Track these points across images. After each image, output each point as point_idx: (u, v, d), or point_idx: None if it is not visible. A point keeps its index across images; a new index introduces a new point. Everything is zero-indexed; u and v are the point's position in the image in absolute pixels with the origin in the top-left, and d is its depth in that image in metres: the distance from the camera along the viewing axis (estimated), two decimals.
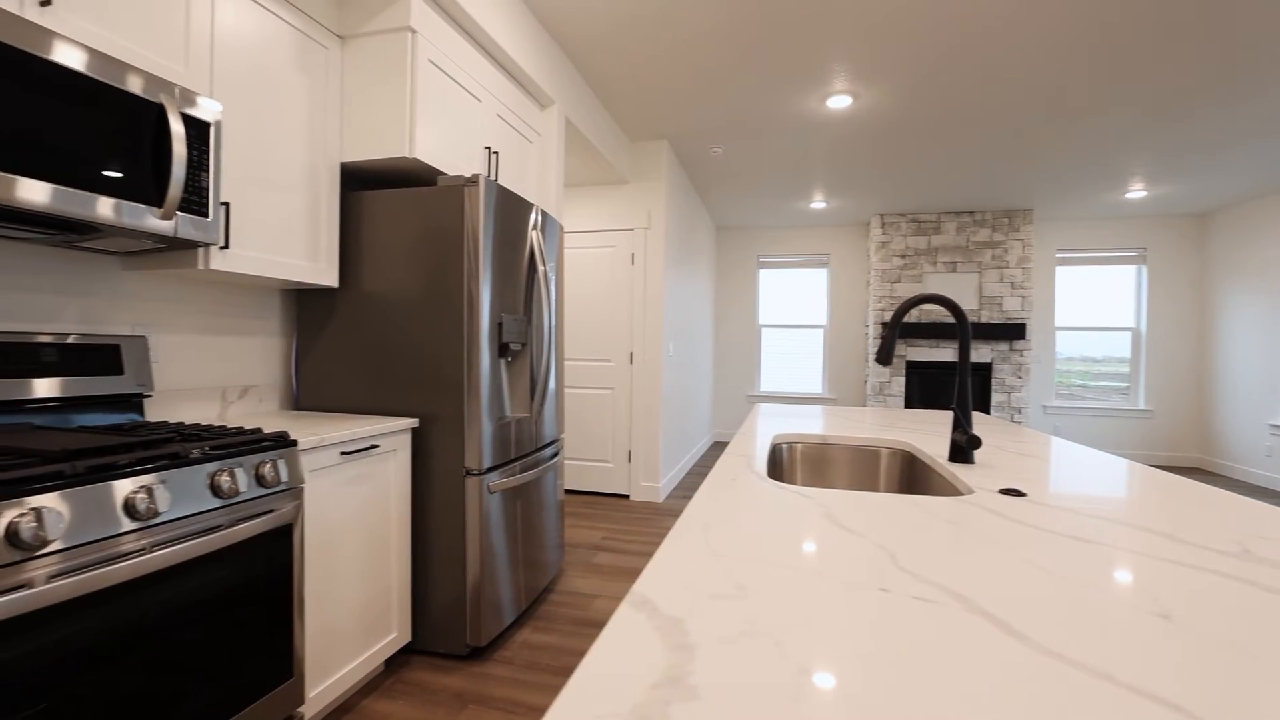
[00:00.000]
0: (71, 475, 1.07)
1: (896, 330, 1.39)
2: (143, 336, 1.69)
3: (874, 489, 1.74)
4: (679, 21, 2.80)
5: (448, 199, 2.05)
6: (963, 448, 1.33)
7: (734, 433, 7.21)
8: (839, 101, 3.59)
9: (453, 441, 2.06)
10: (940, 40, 2.89)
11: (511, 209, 2.23)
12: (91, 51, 1.28)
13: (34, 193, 1.19)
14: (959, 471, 1.25)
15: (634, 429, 4.39)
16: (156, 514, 1.17)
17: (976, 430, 1.87)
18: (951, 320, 6.09)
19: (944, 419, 2.18)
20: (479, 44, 2.46)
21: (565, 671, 2.07)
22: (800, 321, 7.19)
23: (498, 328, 2.13)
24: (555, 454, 2.68)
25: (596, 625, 2.41)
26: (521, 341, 2.29)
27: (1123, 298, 6.39)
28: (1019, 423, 4.85)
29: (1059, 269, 6.43)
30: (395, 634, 2.00)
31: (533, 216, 2.41)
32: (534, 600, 2.51)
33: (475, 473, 2.06)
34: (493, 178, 2.49)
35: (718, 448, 6.78)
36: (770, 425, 1.94)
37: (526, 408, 2.37)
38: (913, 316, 6.21)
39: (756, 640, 0.50)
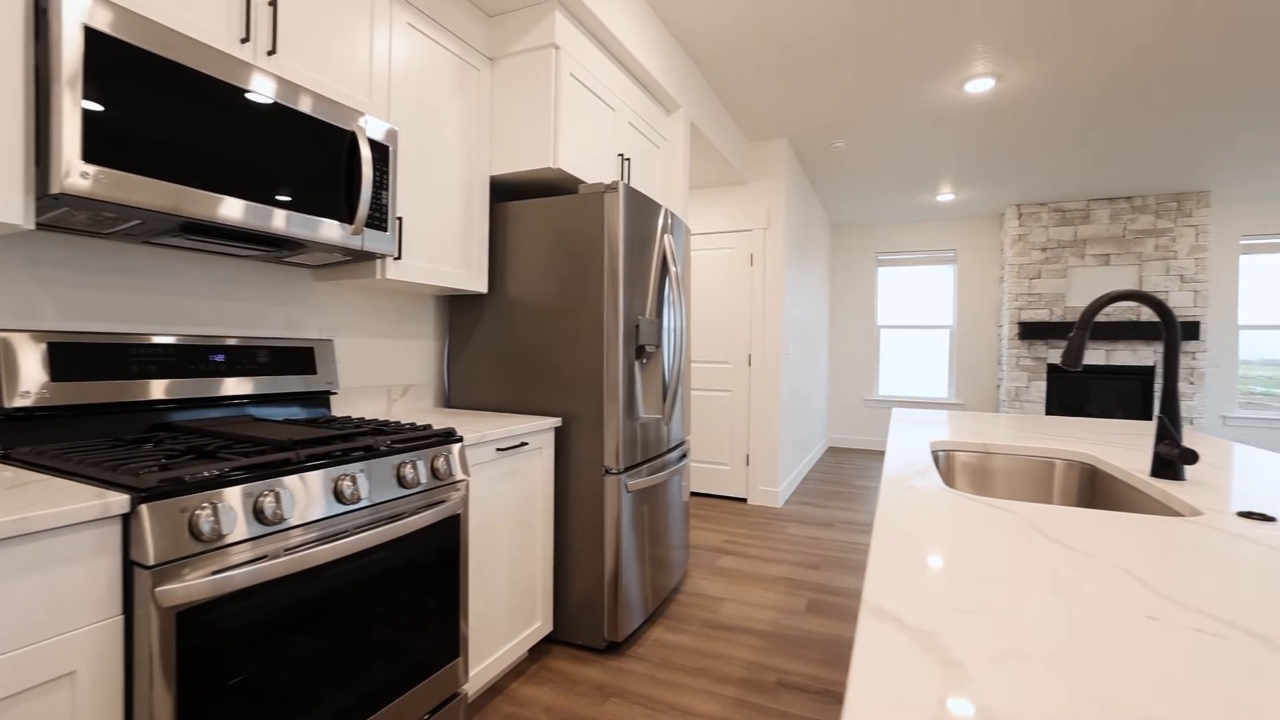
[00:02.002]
0: (298, 462, 1.22)
1: (1088, 331, 1.26)
2: (330, 340, 1.89)
3: (1047, 504, 1.60)
4: (805, 14, 2.73)
5: (588, 206, 2.13)
6: (1171, 462, 1.19)
7: (850, 438, 6.92)
8: (980, 85, 3.34)
9: (592, 441, 2.13)
10: (1110, 2, 2.61)
11: (645, 213, 2.27)
12: (304, 90, 1.46)
13: (269, 218, 1.37)
14: (1170, 489, 1.11)
15: (752, 432, 4.33)
16: (359, 499, 1.30)
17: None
18: (1102, 319, 5.47)
19: (1123, 428, 1.96)
20: (613, 55, 2.53)
21: (701, 673, 2.07)
22: (923, 322, 6.77)
23: (634, 330, 2.18)
24: (683, 455, 2.70)
25: (728, 629, 2.39)
26: (655, 344, 2.33)
27: None
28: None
29: (1243, 259, 5.58)
30: (539, 623, 2.09)
31: (667, 220, 2.44)
32: (663, 600, 2.54)
33: (614, 472, 2.11)
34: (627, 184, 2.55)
35: (834, 453, 6.53)
36: (917, 432, 1.83)
37: (659, 409, 2.40)
38: (1055, 315, 5.65)
39: (1028, 663, 0.47)
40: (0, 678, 0.84)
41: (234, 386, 1.60)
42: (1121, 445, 1.61)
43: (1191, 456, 1.13)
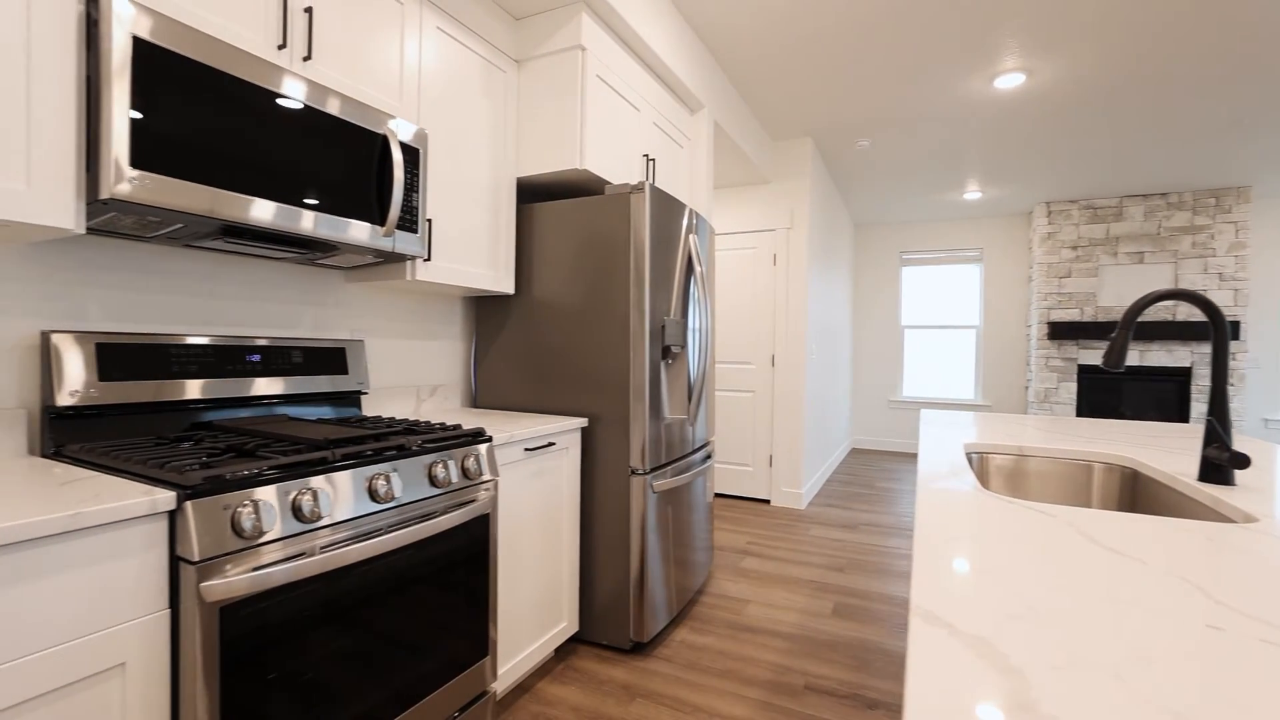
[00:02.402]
0: (334, 461, 1.24)
1: (1130, 331, 1.23)
2: (361, 340, 1.92)
3: (1086, 508, 1.56)
4: (831, 12, 2.70)
5: (614, 207, 2.13)
6: (1220, 467, 1.15)
7: (874, 440, 6.84)
8: (1009, 81, 3.28)
9: (618, 441, 2.14)
10: None
11: (670, 213, 2.27)
12: (339, 95, 1.48)
13: (305, 221, 1.40)
14: (1221, 494, 1.07)
15: (775, 433, 4.30)
16: (393, 498, 1.32)
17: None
18: (1140, 319, 5.32)
19: (1162, 431, 1.90)
20: (638, 56, 2.53)
21: (728, 675, 2.06)
22: (949, 322, 6.66)
23: (660, 330, 2.18)
24: (708, 457, 2.69)
25: (752, 630, 2.38)
26: (680, 344, 2.33)
27: None
28: None
29: None
30: (565, 623, 2.10)
31: (691, 220, 2.44)
32: (688, 602, 2.53)
33: (640, 472, 2.11)
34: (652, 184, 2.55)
35: (857, 455, 6.46)
36: (949, 434, 1.80)
37: (684, 410, 2.40)
38: (1086, 315, 5.52)
39: (1093, 673, 0.46)
40: (58, 667, 0.86)
41: (269, 386, 1.63)
42: (1162, 448, 1.57)
43: (1243, 460, 1.10)
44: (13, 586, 0.82)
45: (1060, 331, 5.54)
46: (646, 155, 2.58)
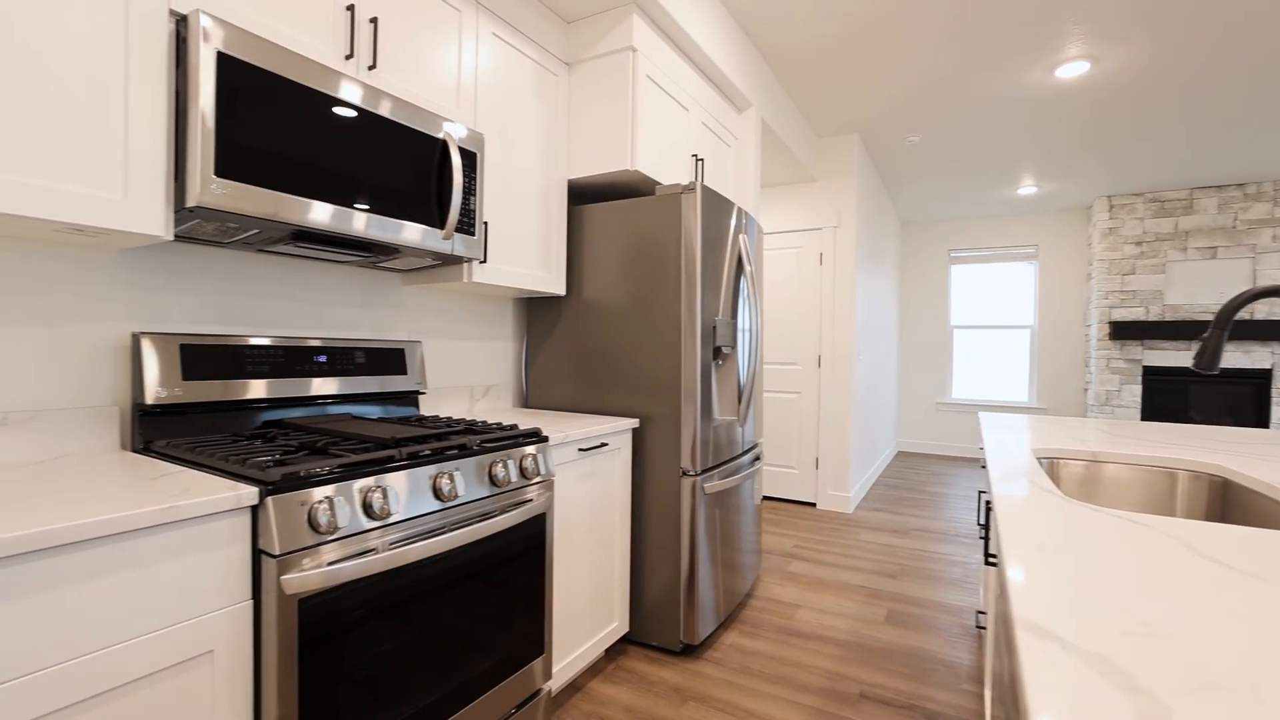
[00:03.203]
0: (401, 460, 1.27)
1: (1226, 331, 1.16)
2: (419, 341, 1.96)
3: (1171, 517, 1.48)
4: (885, 3, 2.64)
5: (665, 208, 2.13)
6: None
7: (921, 443, 6.65)
8: (1072, 69, 3.15)
9: (668, 442, 2.13)
10: None
11: (720, 213, 2.25)
12: (403, 102, 1.52)
13: (372, 225, 1.44)
14: None
15: (821, 435, 4.22)
16: (456, 496, 1.34)
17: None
18: (1202, 318, 5.03)
19: (1249, 437, 1.79)
20: (687, 55, 2.53)
21: (780, 680, 2.03)
22: (1000, 322, 6.43)
23: (711, 331, 2.16)
24: (756, 459, 2.66)
25: (803, 635, 2.34)
26: (730, 345, 2.31)
27: None
28: None
29: None
30: (616, 623, 2.11)
31: (740, 219, 2.42)
32: (737, 605, 2.51)
33: (690, 474, 2.10)
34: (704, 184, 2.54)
35: (903, 458, 6.29)
36: (1014, 438, 1.73)
37: (734, 411, 2.38)
38: (1151, 314, 5.25)
39: (1232, 695, 0.43)
40: (156, 652, 0.91)
41: (334, 386, 1.69)
42: (1254, 455, 1.47)
43: None
44: (116, 574, 0.87)
45: (1123, 331, 5.29)
46: (695, 155, 2.57)
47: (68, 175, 1.04)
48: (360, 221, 1.42)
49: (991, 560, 1.32)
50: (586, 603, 1.96)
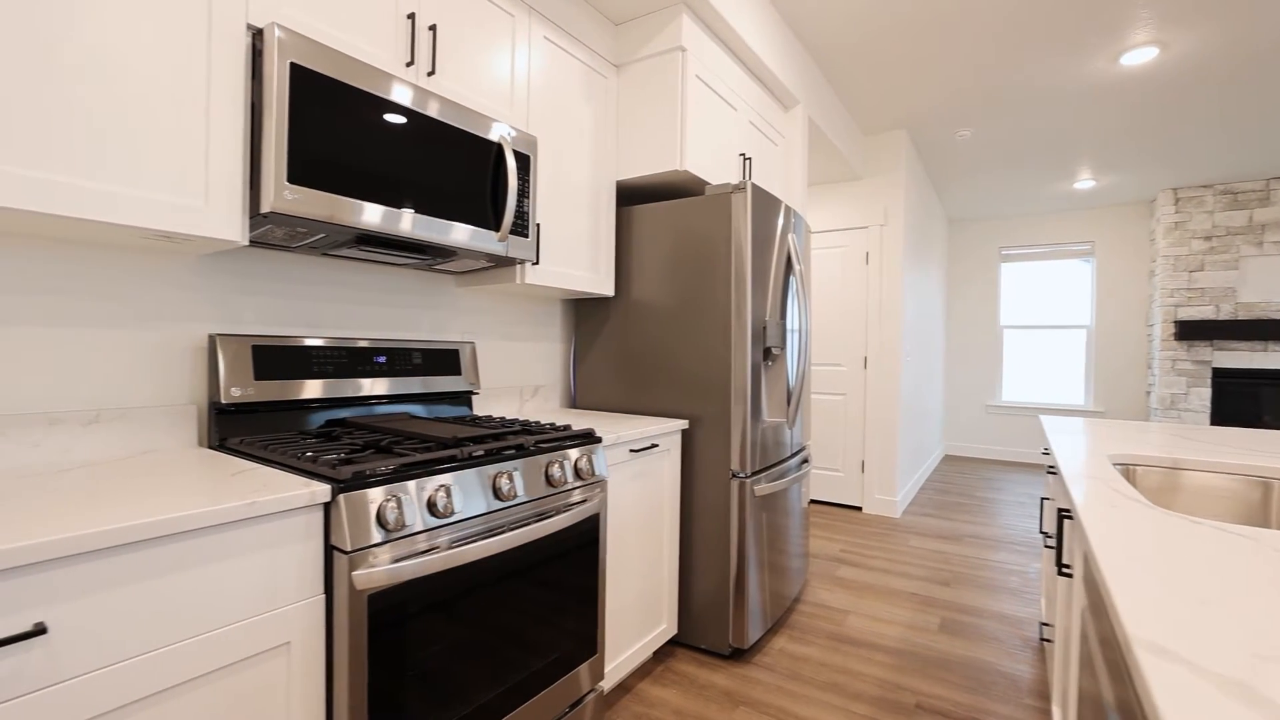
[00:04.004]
0: (463, 459, 1.29)
1: None
2: (472, 342, 1.99)
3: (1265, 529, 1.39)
4: None
5: (715, 207, 2.11)
6: None
7: (968, 446, 6.46)
8: (1139, 56, 3.00)
9: (717, 444, 2.11)
10: None
11: (769, 212, 2.22)
12: (460, 106, 1.54)
13: (432, 228, 1.47)
14: None
15: (867, 437, 4.13)
16: (515, 496, 1.36)
17: None
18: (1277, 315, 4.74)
19: None
20: (735, 54, 2.50)
21: (832, 687, 1.99)
22: (1054, 322, 6.18)
23: (761, 331, 2.14)
24: (804, 461, 2.62)
25: (854, 642, 2.29)
26: (780, 345, 2.27)
27: None
28: None
29: None
30: (665, 625, 2.10)
31: (789, 219, 2.38)
32: (785, 610, 2.47)
33: (740, 476, 2.08)
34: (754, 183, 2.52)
35: (951, 462, 6.11)
36: (1083, 443, 1.66)
37: (782, 413, 2.34)
38: (1223, 312, 4.97)
39: None
40: (240, 641, 0.94)
41: (392, 386, 1.73)
42: None
43: None
44: (206, 566, 0.90)
45: (1190, 331, 5.02)
46: (743, 154, 2.54)
47: (159, 185, 1.09)
48: (421, 225, 1.45)
49: (1066, 571, 1.27)
50: (636, 604, 1.95)
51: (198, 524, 0.88)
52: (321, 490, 1.04)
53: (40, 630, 0.74)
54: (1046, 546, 1.94)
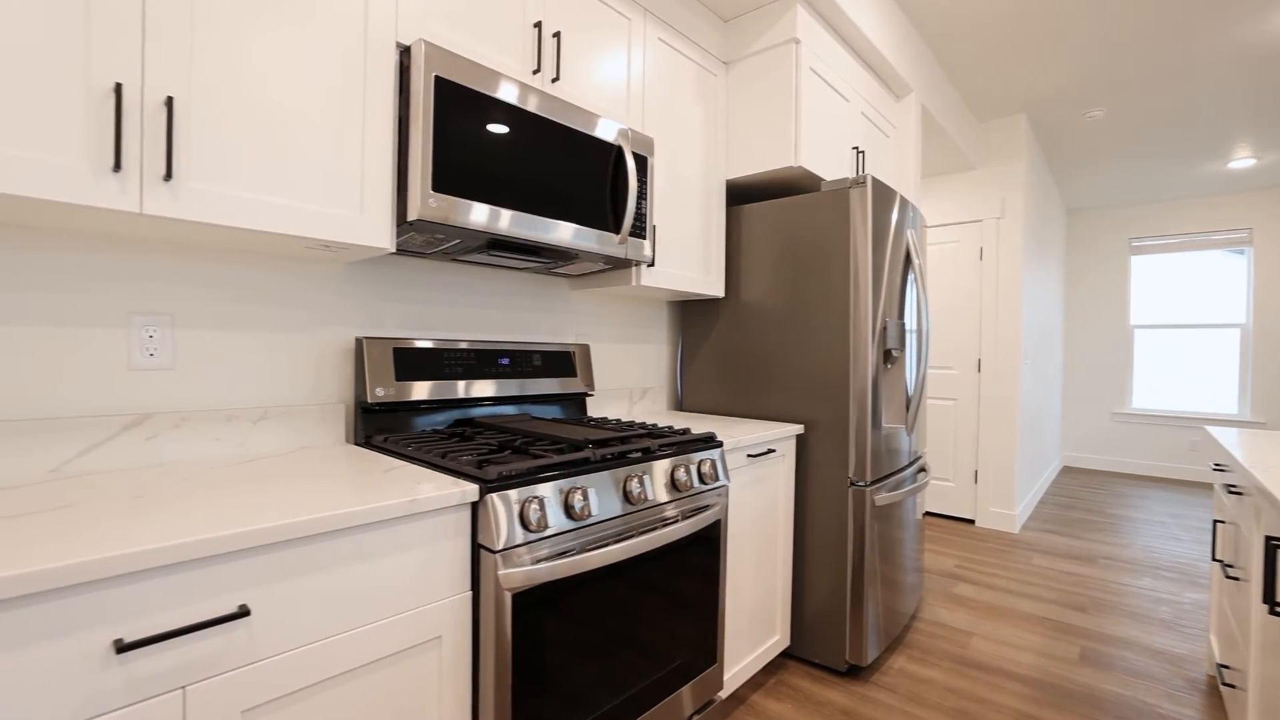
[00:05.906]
0: (595, 461, 1.29)
1: None
2: (587, 344, 2.02)
3: None
4: None
5: (831, 203, 2.03)
6: None
7: (1090, 457, 5.92)
8: None
9: (834, 451, 2.02)
10: None
11: (886, 207, 2.11)
12: (584, 111, 1.56)
13: (562, 232, 1.49)
14: None
15: (981, 446, 3.86)
16: (645, 500, 1.35)
17: None
18: None
19: None
20: (848, 42, 2.40)
21: (961, 714, 1.85)
22: (1197, 320, 5.53)
23: (881, 332, 2.03)
24: (922, 470, 2.46)
25: (980, 667, 2.13)
26: (899, 346, 2.15)
27: None
28: None
29: None
30: (778, 636, 2.03)
31: (905, 212, 2.25)
32: (903, 628, 2.33)
33: (858, 484, 1.98)
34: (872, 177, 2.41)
35: (1070, 474, 5.61)
36: (1274, 460, 1.44)
37: (901, 418, 2.21)
38: None
39: None
40: (399, 633, 0.98)
41: (515, 387, 1.77)
42: None
43: None
44: (371, 560, 0.94)
45: None
46: (856, 148, 2.43)
47: (326, 199, 1.16)
48: (550, 229, 1.47)
49: (1278, 611, 1.10)
50: (750, 614, 1.90)
51: (371, 518, 0.92)
52: (470, 490, 1.07)
53: (245, 612, 0.79)
54: (1229, 577, 1.71)
